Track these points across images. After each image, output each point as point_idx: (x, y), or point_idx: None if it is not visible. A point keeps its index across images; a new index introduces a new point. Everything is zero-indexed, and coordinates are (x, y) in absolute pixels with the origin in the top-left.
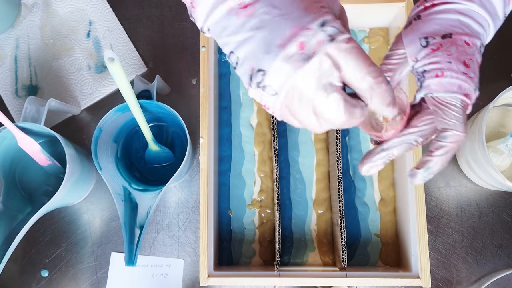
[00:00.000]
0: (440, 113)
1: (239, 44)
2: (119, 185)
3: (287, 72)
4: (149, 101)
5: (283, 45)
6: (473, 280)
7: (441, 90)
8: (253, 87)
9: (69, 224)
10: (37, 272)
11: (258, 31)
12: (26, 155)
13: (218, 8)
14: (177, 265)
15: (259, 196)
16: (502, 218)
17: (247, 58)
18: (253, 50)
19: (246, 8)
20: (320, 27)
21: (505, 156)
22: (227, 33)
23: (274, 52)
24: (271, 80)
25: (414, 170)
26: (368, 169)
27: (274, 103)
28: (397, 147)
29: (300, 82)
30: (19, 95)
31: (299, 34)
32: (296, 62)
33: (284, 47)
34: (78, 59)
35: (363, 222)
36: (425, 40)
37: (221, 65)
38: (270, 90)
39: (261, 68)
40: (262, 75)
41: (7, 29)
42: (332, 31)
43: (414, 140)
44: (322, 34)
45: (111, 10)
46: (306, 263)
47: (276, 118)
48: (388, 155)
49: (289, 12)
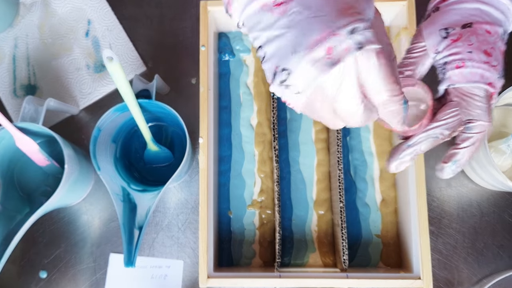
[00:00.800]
0: (464, 104)
1: (268, 40)
2: (118, 185)
3: (312, 75)
4: (148, 100)
5: (310, 47)
6: (474, 281)
7: (463, 80)
8: (276, 84)
9: (68, 225)
10: (36, 273)
11: (288, 30)
12: (24, 155)
13: (253, 3)
14: (177, 266)
15: (259, 196)
16: (504, 218)
17: (273, 55)
18: (281, 49)
19: (280, 6)
20: (349, 34)
21: (507, 156)
22: (259, 28)
23: (301, 54)
24: (295, 80)
25: (441, 164)
26: (396, 166)
27: (296, 101)
28: (423, 142)
29: (324, 84)
30: (18, 94)
31: (327, 38)
32: (322, 66)
33: (311, 50)
34: (77, 59)
35: (364, 222)
36: (445, 31)
37: (221, 64)
38: (293, 89)
39: (286, 68)
40: (287, 74)
41: (6, 29)
42: (361, 39)
43: (440, 133)
44: (351, 41)
45: (110, 9)
46: (306, 264)
47: (276, 118)
48: (415, 151)
49: (321, 15)
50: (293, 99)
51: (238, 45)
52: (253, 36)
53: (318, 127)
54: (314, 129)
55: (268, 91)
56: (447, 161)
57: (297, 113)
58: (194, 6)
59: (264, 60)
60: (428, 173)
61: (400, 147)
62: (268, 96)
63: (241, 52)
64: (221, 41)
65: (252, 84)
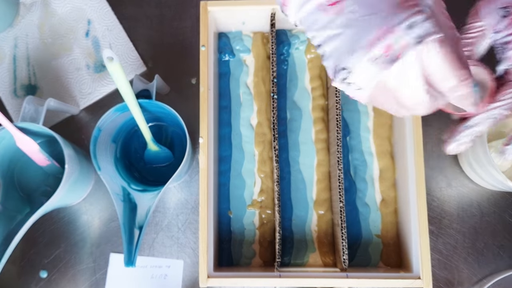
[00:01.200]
0: None
1: (327, 39)
2: (118, 185)
3: (373, 73)
4: (148, 100)
5: (368, 47)
6: (474, 281)
7: None
8: (337, 81)
9: (68, 225)
10: (36, 273)
11: (344, 30)
12: (24, 155)
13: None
14: (177, 266)
15: (259, 196)
16: (504, 218)
17: (332, 54)
18: (338, 48)
19: (334, 5)
20: (408, 29)
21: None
22: (316, 28)
23: (359, 53)
24: (355, 79)
25: (502, 147)
26: (454, 148)
27: (360, 96)
28: (482, 123)
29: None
30: (18, 94)
31: (385, 36)
32: (381, 64)
33: (369, 49)
34: (77, 59)
35: (364, 222)
36: (505, 10)
37: (221, 64)
38: (355, 86)
39: (346, 67)
40: (347, 73)
41: (6, 29)
42: (421, 33)
43: (499, 114)
44: (409, 37)
45: (110, 9)
46: (306, 264)
47: (276, 118)
48: (474, 132)
49: (377, 12)
50: (356, 94)
51: (238, 45)
52: (310, 35)
53: (318, 127)
54: (314, 129)
55: (268, 91)
56: (509, 143)
57: (297, 113)
58: (194, 6)
59: (324, 58)
60: (428, 173)
61: (458, 129)
62: (268, 96)
63: (241, 52)
64: (221, 41)
65: (252, 84)
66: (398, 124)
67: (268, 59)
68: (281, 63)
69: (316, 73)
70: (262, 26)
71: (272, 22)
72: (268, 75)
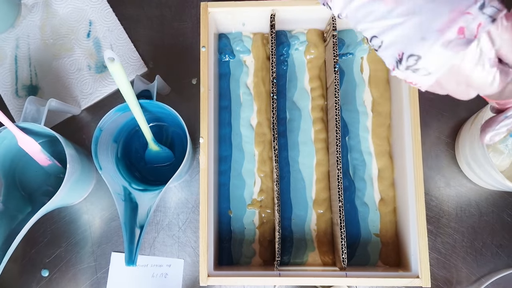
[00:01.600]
0: None
1: (386, 29)
2: (119, 185)
3: (447, 57)
4: (149, 101)
5: (441, 30)
6: (473, 280)
7: None
8: (401, 69)
9: (69, 224)
10: (37, 272)
11: (409, 18)
12: (26, 155)
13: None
14: (177, 265)
15: (259, 196)
16: (502, 218)
17: (395, 42)
18: (404, 36)
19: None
20: (480, 10)
21: (505, 156)
22: (371, 19)
23: (432, 38)
24: (426, 64)
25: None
26: (491, 137)
27: (426, 81)
28: None
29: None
30: (19, 95)
31: (458, 18)
32: (456, 46)
33: (443, 33)
34: (78, 59)
35: (363, 222)
36: None
37: (221, 65)
38: (423, 72)
39: (414, 53)
40: (416, 60)
41: (7, 29)
42: (492, 12)
43: None
44: (482, 17)
45: (111, 10)
46: (306, 263)
47: (276, 118)
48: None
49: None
50: (421, 80)
51: (238, 46)
52: (362, 28)
53: (317, 127)
54: (313, 129)
55: (268, 91)
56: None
57: (297, 114)
58: (195, 7)
59: (380, 49)
60: (427, 172)
61: (497, 119)
62: (268, 96)
63: (241, 53)
64: (221, 42)
65: (252, 84)
66: (397, 124)
67: (268, 59)
68: (280, 64)
69: (316, 74)
70: (262, 27)
71: (272, 23)
72: (268, 75)
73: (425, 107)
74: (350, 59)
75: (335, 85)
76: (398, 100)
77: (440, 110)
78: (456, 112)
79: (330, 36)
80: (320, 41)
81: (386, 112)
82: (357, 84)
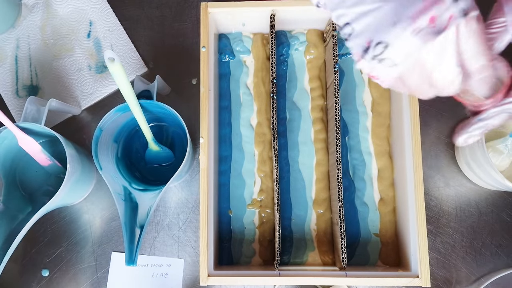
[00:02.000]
0: None
1: (360, 16)
2: (120, 185)
3: (415, 45)
4: (149, 101)
5: (413, 17)
6: (472, 280)
7: None
8: (367, 59)
9: (70, 224)
10: (37, 272)
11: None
12: (26, 155)
13: None
14: (177, 264)
15: (259, 196)
16: (502, 218)
17: (365, 30)
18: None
19: None
20: (454, 1)
21: (505, 156)
22: (346, 5)
23: (403, 25)
24: (393, 52)
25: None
26: (465, 140)
27: (389, 74)
28: (495, 117)
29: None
30: (20, 95)
31: (432, 7)
32: (425, 35)
33: (414, 20)
34: (79, 59)
35: (362, 222)
36: None
37: (221, 65)
38: (389, 62)
39: (383, 41)
40: (383, 48)
41: (8, 29)
42: (465, 5)
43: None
44: (455, 8)
45: (111, 10)
46: (306, 262)
47: (276, 118)
48: (486, 125)
49: None
50: (385, 72)
51: (238, 46)
52: (337, 14)
53: (317, 127)
54: (313, 129)
55: (268, 92)
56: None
57: (296, 114)
58: (195, 7)
59: (350, 37)
60: (426, 172)
61: (471, 121)
62: (268, 96)
63: (241, 53)
64: (221, 42)
65: (252, 84)
66: (397, 124)
67: (268, 60)
68: (280, 64)
69: (315, 74)
70: (262, 27)
71: (272, 23)
72: (268, 75)
73: (424, 107)
74: (350, 59)
75: (335, 85)
76: (398, 100)
77: (440, 110)
78: (456, 112)
79: (330, 36)
80: (320, 41)
81: (385, 112)
82: (356, 84)
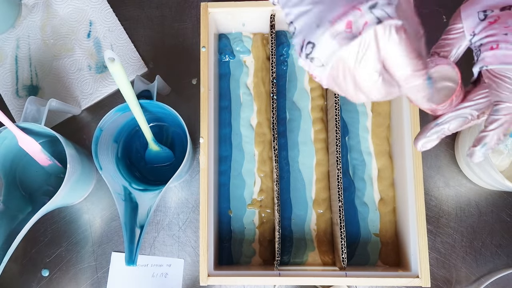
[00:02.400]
0: (494, 86)
1: (298, 16)
2: (120, 185)
3: (333, 48)
4: (149, 101)
5: (332, 21)
6: (472, 280)
7: (495, 62)
8: (303, 57)
9: (70, 224)
10: (37, 272)
11: (315, 6)
12: (26, 155)
13: None
14: (177, 264)
15: (259, 196)
16: (502, 218)
17: (302, 29)
18: (308, 23)
19: None
20: (369, 9)
21: (505, 156)
22: (291, 4)
23: (324, 27)
24: (318, 53)
25: (471, 149)
26: (423, 144)
27: (321, 73)
28: (452, 121)
29: (344, 57)
30: (20, 95)
31: (348, 13)
32: (342, 39)
33: (333, 24)
34: (79, 59)
35: (362, 221)
36: (483, 13)
37: (221, 65)
38: (318, 62)
39: (311, 41)
40: (311, 48)
41: (8, 29)
42: (380, 15)
43: (470, 114)
44: (370, 16)
45: (111, 10)
46: (306, 262)
47: (276, 118)
48: (442, 130)
49: None
50: (318, 72)
51: (238, 46)
52: (285, 12)
53: (317, 127)
54: (313, 129)
55: (268, 92)
56: (476, 144)
57: (296, 114)
58: (195, 7)
59: (294, 36)
60: (426, 172)
61: (428, 126)
62: (268, 96)
63: (241, 53)
64: (221, 42)
65: (252, 84)
66: (397, 124)
67: (267, 60)
68: (280, 64)
69: None
70: (262, 27)
71: (272, 23)
72: (268, 75)
73: None
74: None
75: None
76: (398, 100)
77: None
78: None
79: None
80: None
81: (385, 112)
82: None
